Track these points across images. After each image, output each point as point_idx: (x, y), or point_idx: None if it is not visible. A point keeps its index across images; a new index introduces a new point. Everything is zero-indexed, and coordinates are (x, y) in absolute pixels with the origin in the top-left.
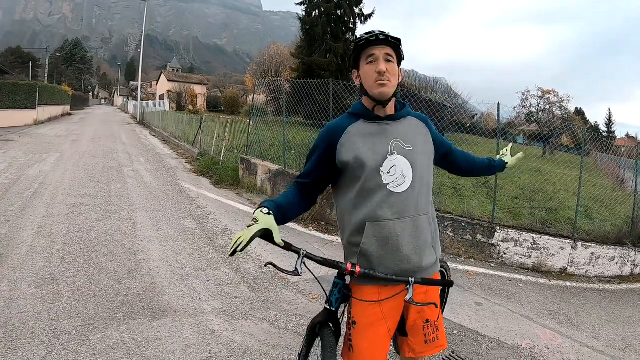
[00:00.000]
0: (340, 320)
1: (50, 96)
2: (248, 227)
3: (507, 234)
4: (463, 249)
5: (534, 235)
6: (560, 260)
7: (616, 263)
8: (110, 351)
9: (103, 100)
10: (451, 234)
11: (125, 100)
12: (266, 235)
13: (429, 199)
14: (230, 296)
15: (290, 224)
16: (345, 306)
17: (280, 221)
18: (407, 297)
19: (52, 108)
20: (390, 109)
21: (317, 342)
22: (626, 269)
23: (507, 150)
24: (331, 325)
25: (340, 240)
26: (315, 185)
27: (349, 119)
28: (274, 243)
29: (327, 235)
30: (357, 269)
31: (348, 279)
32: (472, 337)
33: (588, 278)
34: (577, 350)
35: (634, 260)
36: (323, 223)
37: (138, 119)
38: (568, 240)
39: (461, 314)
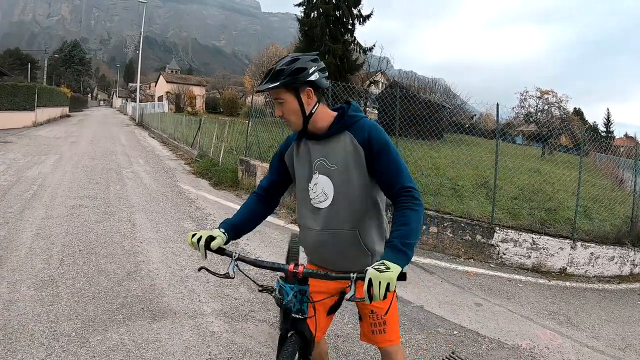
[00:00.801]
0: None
1: (49, 98)
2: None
3: (506, 235)
4: (462, 250)
5: (533, 236)
6: (560, 260)
7: (615, 263)
8: (110, 353)
9: (102, 102)
10: (450, 235)
11: (124, 101)
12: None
13: (360, 214)
14: (230, 298)
15: (289, 226)
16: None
17: (234, 236)
18: (348, 296)
19: (50, 110)
20: (320, 130)
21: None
22: (625, 268)
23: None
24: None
25: None
26: (277, 187)
27: (297, 134)
28: (211, 250)
29: None
30: (300, 269)
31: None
32: (472, 338)
33: (587, 278)
34: (577, 350)
35: (634, 260)
36: None
37: (137, 121)
38: (567, 241)
39: (461, 315)
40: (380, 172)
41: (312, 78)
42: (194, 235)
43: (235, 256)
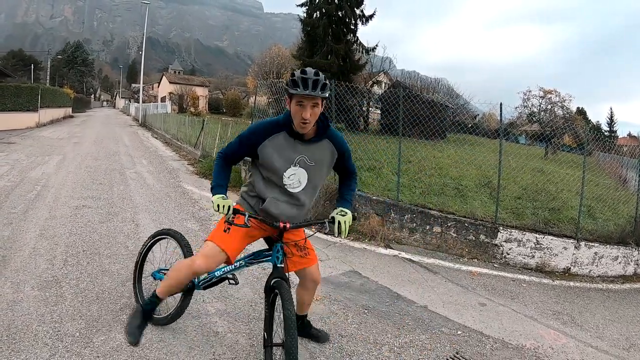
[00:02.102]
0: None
1: (52, 99)
2: (218, 204)
3: (510, 234)
4: (466, 250)
5: (537, 235)
6: (564, 260)
7: (619, 263)
8: (114, 353)
9: (105, 103)
10: (454, 235)
11: (127, 102)
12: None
13: (314, 196)
14: (234, 298)
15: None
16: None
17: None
18: (326, 232)
19: (54, 110)
20: (309, 134)
21: (278, 300)
22: (629, 268)
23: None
24: (285, 280)
25: (342, 241)
26: (238, 160)
27: (277, 128)
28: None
29: (329, 237)
30: (287, 224)
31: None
32: (476, 338)
33: (591, 278)
34: (582, 350)
35: (637, 260)
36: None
37: (140, 121)
38: (571, 240)
39: (465, 315)
40: (345, 167)
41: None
42: (220, 206)
43: (247, 214)
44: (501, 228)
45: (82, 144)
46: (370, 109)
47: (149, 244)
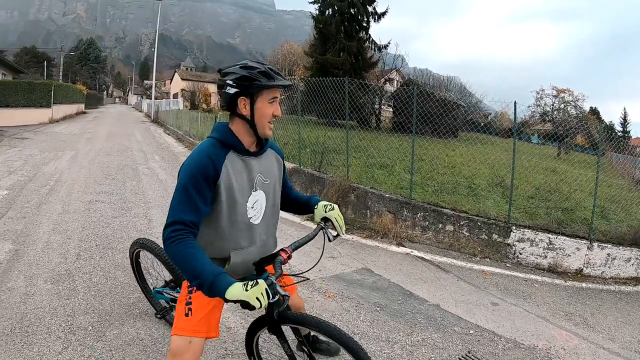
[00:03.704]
0: None
1: (65, 95)
2: (257, 296)
3: (523, 234)
4: (479, 249)
5: (549, 236)
6: (576, 260)
7: (632, 264)
8: (126, 347)
9: (117, 99)
10: (467, 234)
11: (139, 99)
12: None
13: (277, 221)
14: None
15: (304, 222)
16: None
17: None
18: (332, 238)
19: (66, 106)
20: (254, 145)
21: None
22: None
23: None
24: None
25: (354, 239)
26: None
27: (223, 151)
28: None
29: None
30: (288, 250)
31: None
32: (488, 337)
33: (604, 279)
34: (593, 352)
35: None
36: None
37: (152, 118)
38: (584, 241)
39: (477, 314)
40: (285, 179)
41: None
42: (262, 296)
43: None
44: (514, 227)
45: (94, 140)
46: (382, 106)
47: (133, 261)
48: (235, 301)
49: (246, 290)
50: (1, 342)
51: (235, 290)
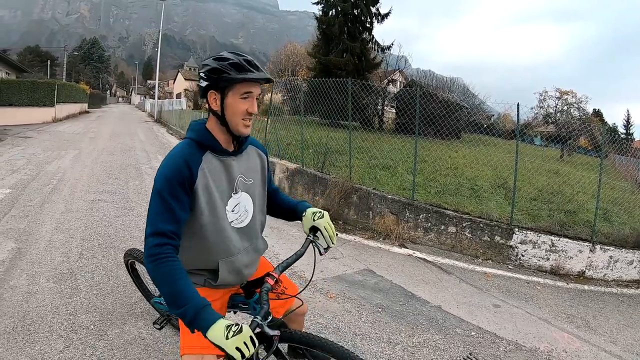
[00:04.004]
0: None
1: (68, 94)
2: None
3: (525, 236)
4: (481, 250)
5: (552, 238)
6: (579, 263)
7: (634, 267)
8: (127, 346)
9: (120, 99)
10: (469, 235)
11: (142, 98)
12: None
13: (264, 222)
14: None
15: None
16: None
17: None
18: (323, 251)
19: (70, 106)
20: (231, 143)
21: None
22: None
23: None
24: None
25: (356, 240)
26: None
27: (198, 152)
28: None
29: (344, 234)
30: (275, 275)
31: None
32: (489, 339)
33: (606, 282)
34: (595, 355)
35: None
36: (341, 222)
37: (155, 117)
38: (586, 243)
39: (479, 316)
40: (269, 179)
41: None
42: (247, 346)
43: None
44: (516, 229)
45: (98, 139)
46: (385, 107)
47: (129, 270)
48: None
49: (227, 338)
50: (3, 340)
51: (217, 333)
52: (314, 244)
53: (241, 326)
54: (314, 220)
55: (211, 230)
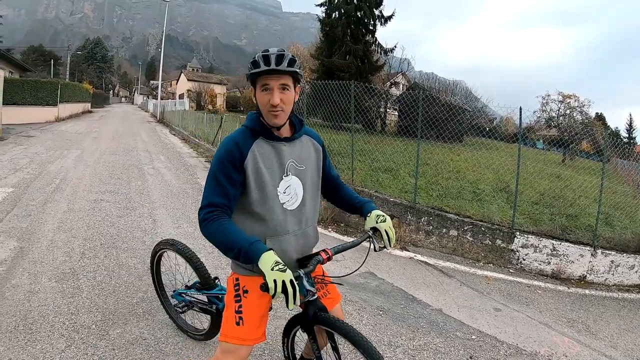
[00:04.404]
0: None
1: (71, 94)
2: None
3: (526, 240)
4: (482, 254)
5: (553, 242)
6: (580, 267)
7: (636, 272)
8: (129, 346)
9: (123, 99)
10: (470, 239)
11: (145, 98)
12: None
13: (317, 210)
14: None
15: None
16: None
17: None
18: (377, 248)
19: (73, 105)
20: (286, 130)
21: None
22: None
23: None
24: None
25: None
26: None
27: (251, 137)
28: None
29: (345, 236)
30: (329, 252)
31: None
32: (490, 343)
33: (607, 286)
34: (595, 359)
35: None
36: (342, 225)
37: (158, 118)
38: (588, 248)
39: (480, 319)
40: (328, 164)
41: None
42: (285, 283)
43: (302, 273)
44: (518, 233)
45: (100, 139)
46: (387, 110)
47: (154, 262)
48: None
49: (271, 269)
50: (5, 339)
51: (266, 262)
52: (371, 239)
53: (287, 268)
54: (376, 222)
55: (260, 207)
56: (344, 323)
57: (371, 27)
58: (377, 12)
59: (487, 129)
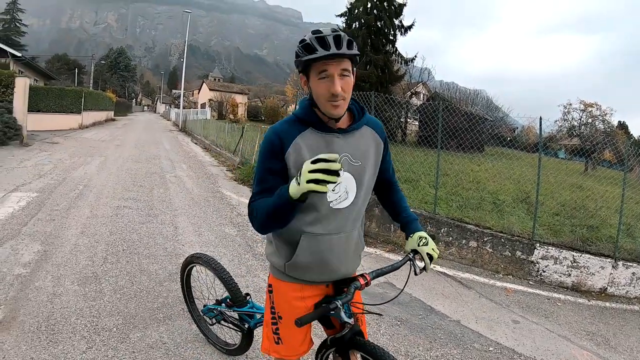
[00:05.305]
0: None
1: (94, 102)
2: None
3: (547, 252)
4: (502, 265)
5: (574, 254)
6: (600, 279)
7: None
8: (149, 350)
9: (146, 107)
10: (490, 250)
11: (167, 107)
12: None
13: (362, 211)
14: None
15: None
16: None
17: None
18: (418, 271)
19: (96, 113)
20: (345, 120)
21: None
22: None
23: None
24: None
25: (377, 252)
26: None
27: (297, 127)
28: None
29: (365, 247)
30: (367, 277)
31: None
32: (508, 355)
33: (628, 299)
34: None
35: None
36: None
37: (180, 127)
38: (609, 260)
39: (498, 331)
40: (387, 162)
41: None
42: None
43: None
44: (538, 245)
45: (123, 147)
46: (408, 120)
47: (184, 276)
48: (299, 199)
49: (298, 183)
50: (28, 339)
51: (292, 186)
52: (412, 262)
53: (300, 172)
54: (418, 245)
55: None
56: (382, 350)
57: (391, 37)
58: (397, 22)
59: (508, 138)
